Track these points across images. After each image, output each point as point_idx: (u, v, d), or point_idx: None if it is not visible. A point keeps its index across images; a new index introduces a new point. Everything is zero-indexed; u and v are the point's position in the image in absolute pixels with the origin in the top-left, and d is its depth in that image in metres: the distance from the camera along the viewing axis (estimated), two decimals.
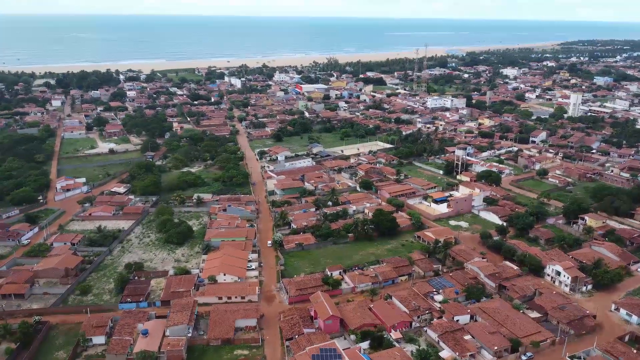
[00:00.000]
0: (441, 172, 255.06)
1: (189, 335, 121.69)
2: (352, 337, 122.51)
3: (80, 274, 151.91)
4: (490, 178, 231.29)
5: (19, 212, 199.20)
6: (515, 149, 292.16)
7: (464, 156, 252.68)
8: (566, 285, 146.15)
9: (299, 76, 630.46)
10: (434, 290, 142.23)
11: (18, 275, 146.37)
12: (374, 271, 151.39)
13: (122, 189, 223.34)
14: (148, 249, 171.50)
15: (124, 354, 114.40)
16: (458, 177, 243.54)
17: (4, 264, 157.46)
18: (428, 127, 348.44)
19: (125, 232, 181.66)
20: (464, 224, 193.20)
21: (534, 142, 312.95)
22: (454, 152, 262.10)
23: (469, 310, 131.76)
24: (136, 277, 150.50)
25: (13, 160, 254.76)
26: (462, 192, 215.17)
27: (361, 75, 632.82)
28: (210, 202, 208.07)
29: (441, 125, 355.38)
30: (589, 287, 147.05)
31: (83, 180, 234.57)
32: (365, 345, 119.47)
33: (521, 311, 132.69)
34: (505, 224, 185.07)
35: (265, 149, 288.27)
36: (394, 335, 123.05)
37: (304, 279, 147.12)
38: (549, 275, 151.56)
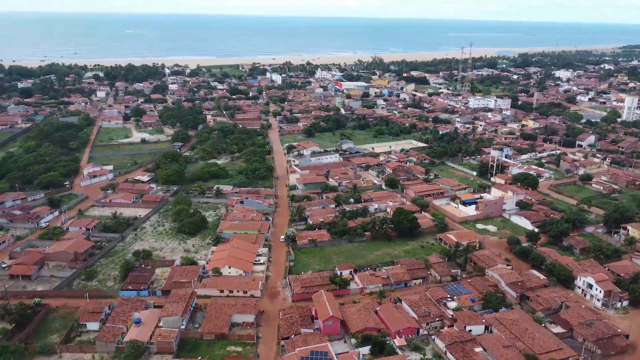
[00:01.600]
0: (475, 173, 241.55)
1: (182, 327, 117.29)
2: (353, 340, 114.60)
3: (89, 259, 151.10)
4: (526, 181, 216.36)
5: (44, 195, 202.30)
6: (559, 152, 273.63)
7: (500, 157, 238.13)
8: (598, 300, 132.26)
9: (341, 74, 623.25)
10: (449, 296, 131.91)
11: (28, 257, 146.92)
12: (386, 272, 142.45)
13: (145, 178, 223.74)
14: (160, 238, 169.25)
15: (114, 342, 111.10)
16: (492, 179, 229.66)
17: (18, 245, 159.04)
18: (467, 127, 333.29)
19: (140, 219, 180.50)
20: (492, 228, 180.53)
21: (580, 145, 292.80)
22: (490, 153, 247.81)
23: (483, 320, 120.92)
24: (143, 265, 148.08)
25: (48, 146, 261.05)
26: (494, 194, 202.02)
27: (404, 74, 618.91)
28: (230, 193, 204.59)
29: (481, 125, 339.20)
30: (625, 303, 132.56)
31: (110, 167, 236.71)
32: (365, 350, 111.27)
33: (543, 325, 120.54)
34: (537, 229, 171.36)
35: (294, 144, 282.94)
36: (398, 341, 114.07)
37: (311, 276, 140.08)
38: (579, 287, 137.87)
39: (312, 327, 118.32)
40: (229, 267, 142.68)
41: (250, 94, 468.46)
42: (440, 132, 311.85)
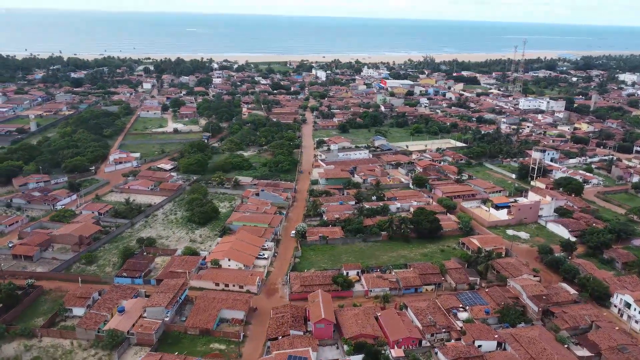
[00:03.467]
0: (514, 175, 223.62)
1: (167, 319, 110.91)
2: (345, 347, 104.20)
3: (93, 243, 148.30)
4: (569, 186, 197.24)
5: (68, 179, 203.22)
6: (613, 157, 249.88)
7: (543, 160, 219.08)
8: (637, 322, 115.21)
9: (388, 72, 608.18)
10: (461, 306, 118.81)
11: (33, 238, 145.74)
12: (395, 275, 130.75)
13: (168, 166, 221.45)
14: (169, 226, 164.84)
15: (94, 330, 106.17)
16: (532, 182, 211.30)
17: (29, 226, 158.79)
18: (514, 128, 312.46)
19: (153, 207, 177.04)
20: (524, 234, 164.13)
21: (638, 152, 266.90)
22: None
23: (496, 336, 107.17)
24: (144, 253, 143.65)
25: (83, 132, 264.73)
26: (530, 198, 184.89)
27: (454, 74, 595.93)
28: (248, 185, 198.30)
29: (528, 127, 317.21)
30: None
31: (137, 155, 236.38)
32: (357, 359, 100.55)
33: (566, 345, 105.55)
34: (575, 239, 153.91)
35: (325, 139, 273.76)
36: (395, 352, 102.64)
37: (313, 274, 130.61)
38: (615, 306, 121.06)
39: (303, 329, 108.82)
40: (229, 260, 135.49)
41: (292, 90, 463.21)
42: (482, 132, 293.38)
